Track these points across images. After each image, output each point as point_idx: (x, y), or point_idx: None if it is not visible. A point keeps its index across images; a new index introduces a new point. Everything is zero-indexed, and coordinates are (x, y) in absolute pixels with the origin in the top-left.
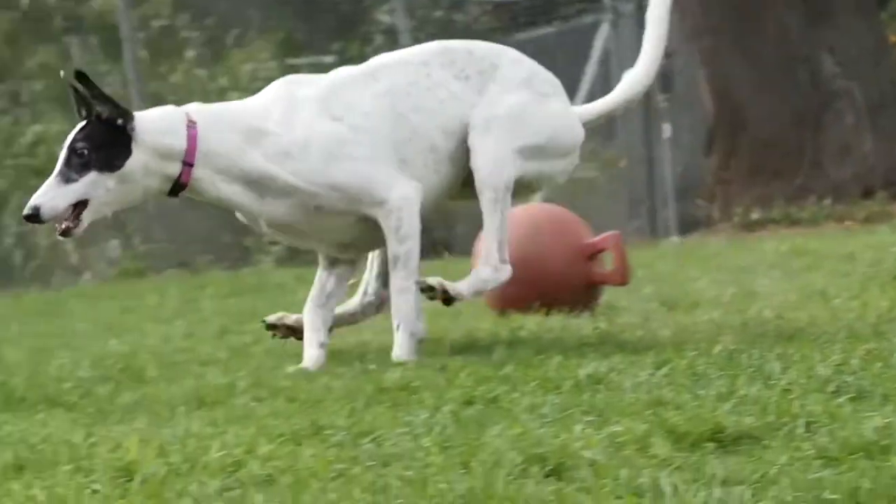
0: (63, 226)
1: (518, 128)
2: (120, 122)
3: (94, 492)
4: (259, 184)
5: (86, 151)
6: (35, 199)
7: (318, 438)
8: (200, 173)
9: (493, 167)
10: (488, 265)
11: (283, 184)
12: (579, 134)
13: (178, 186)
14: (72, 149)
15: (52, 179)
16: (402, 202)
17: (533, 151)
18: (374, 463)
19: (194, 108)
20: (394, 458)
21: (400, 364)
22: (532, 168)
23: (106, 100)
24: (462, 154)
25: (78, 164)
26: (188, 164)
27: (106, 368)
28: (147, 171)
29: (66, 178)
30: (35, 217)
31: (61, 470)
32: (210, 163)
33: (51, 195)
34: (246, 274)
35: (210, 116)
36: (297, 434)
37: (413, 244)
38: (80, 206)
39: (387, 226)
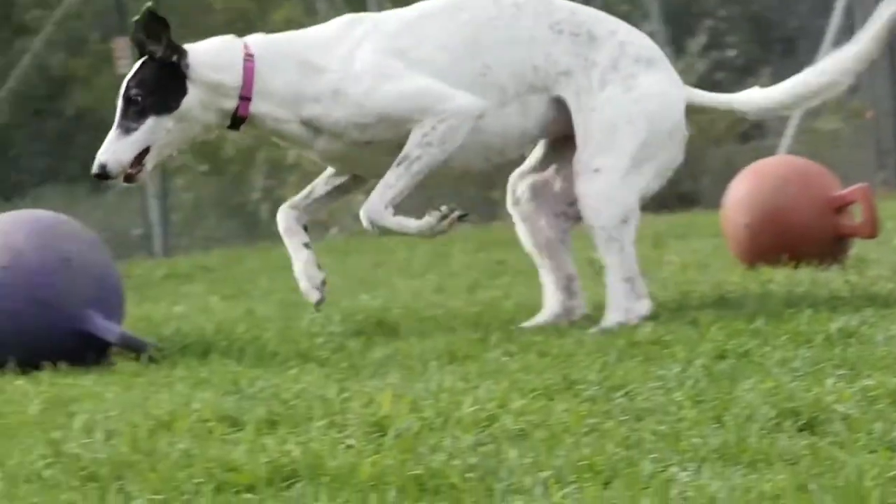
0: (126, 174)
1: (614, 145)
2: (174, 59)
3: (348, 447)
4: (313, 121)
5: (140, 98)
6: (100, 156)
7: (570, 393)
8: (258, 107)
9: (597, 205)
10: (618, 311)
11: (334, 122)
12: (677, 109)
13: (237, 120)
14: (126, 97)
15: (113, 132)
16: (456, 111)
17: (639, 157)
18: (626, 417)
19: (253, 40)
20: (646, 413)
21: (649, 319)
22: (648, 172)
23: (159, 38)
24: (531, 108)
25: (135, 113)
26: (245, 98)
27: (357, 323)
28: (204, 107)
29: (126, 129)
30: (104, 175)
31: (315, 425)
32: (267, 97)
33: (113, 149)
34: (496, 228)
35: (269, 49)
36: (549, 389)
37: (432, 155)
38: (143, 152)
39: (420, 127)
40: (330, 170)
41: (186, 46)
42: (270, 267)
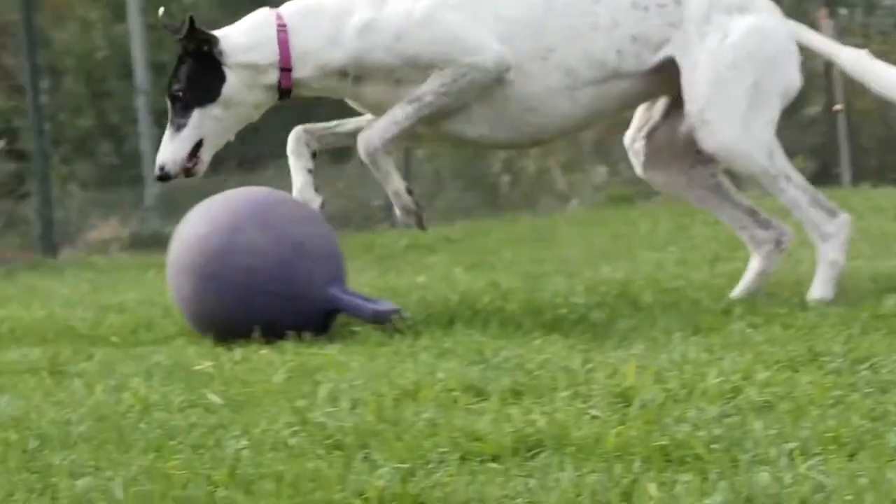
0: (185, 169)
1: (725, 95)
2: (206, 48)
3: (593, 417)
4: (347, 68)
5: (181, 93)
6: (159, 159)
7: (814, 365)
8: (299, 74)
9: (732, 157)
10: (824, 239)
11: (368, 63)
12: (778, 37)
13: (284, 92)
14: (170, 96)
15: (167, 132)
16: (490, 62)
17: (754, 96)
18: (871, 390)
19: (286, 9)
20: (892, 385)
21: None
22: (769, 104)
23: (189, 31)
24: (614, 92)
25: (181, 109)
26: (286, 69)
27: (600, 294)
28: (248, 88)
29: (177, 127)
30: (164, 176)
31: (559, 395)
32: (306, 61)
33: (170, 149)
34: None
35: (299, 14)
36: (793, 361)
37: (445, 104)
38: (197, 145)
39: (440, 76)
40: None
41: (219, 32)
42: (513, 238)
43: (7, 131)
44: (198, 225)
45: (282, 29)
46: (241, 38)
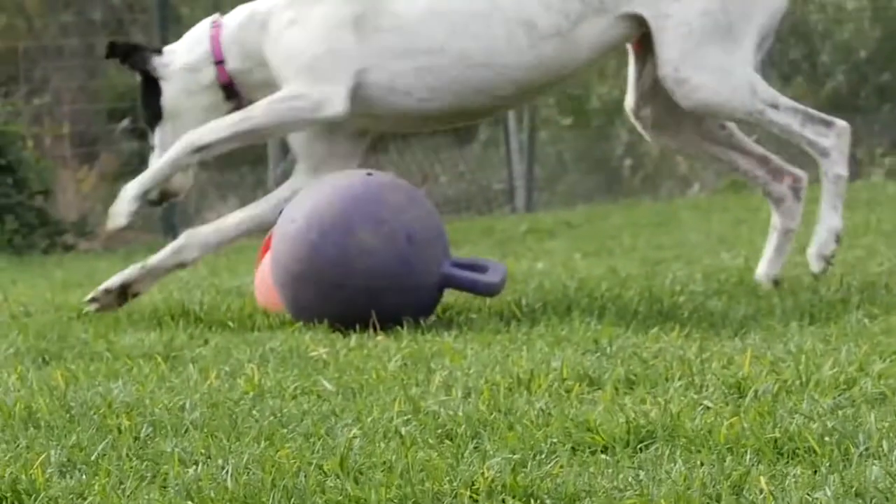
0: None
1: (700, 47)
2: (145, 68)
3: (706, 408)
4: (265, 64)
5: (144, 118)
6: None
7: None
8: (232, 66)
9: (719, 109)
10: (823, 154)
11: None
12: None
13: (228, 90)
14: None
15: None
16: (323, 102)
17: (730, 41)
18: None
19: (231, 12)
20: None
21: None
22: (748, 41)
23: (123, 56)
24: (572, 43)
25: (150, 133)
26: (219, 62)
27: (719, 282)
28: (187, 94)
29: (153, 149)
30: (155, 202)
31: (673, 385)
32: (235, 53)
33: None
34: (858, 187)
35: (236, 12)
36: None
37: (263, 126)
38: None
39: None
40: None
41: (166, 48)
42: (634, 223)
43: (131, 110)
44: (306, 228)
45: (216, 26)
46: (178, 46)
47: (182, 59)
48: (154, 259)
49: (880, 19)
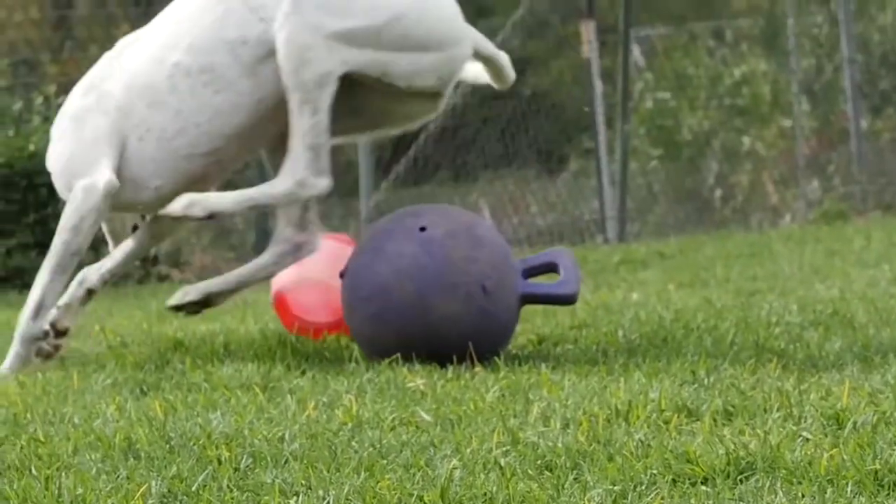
0: None
1: (332, 4)
2: None
3: (806, 440)
4: None
5: None
6: None
7: None
8: None
9: (297, 59)
10: (290, 178)
11: None
12: (443, 20)
13: None
14: None
15: None
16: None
17: (360, 37)
18: None
19: None
20: None
21: None
22: (363, 60)
23: None
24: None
25: None
26: None
27: (814, 313)
28: None
29: None
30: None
31: (772, 417)
32: None
33: None
34: None
35: None
36: None
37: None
38: None
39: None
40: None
41: None
42: (726, 254)
43: None
44: (382, 309)
45: None
46: None
47: None
48: (66, 295)
49: None
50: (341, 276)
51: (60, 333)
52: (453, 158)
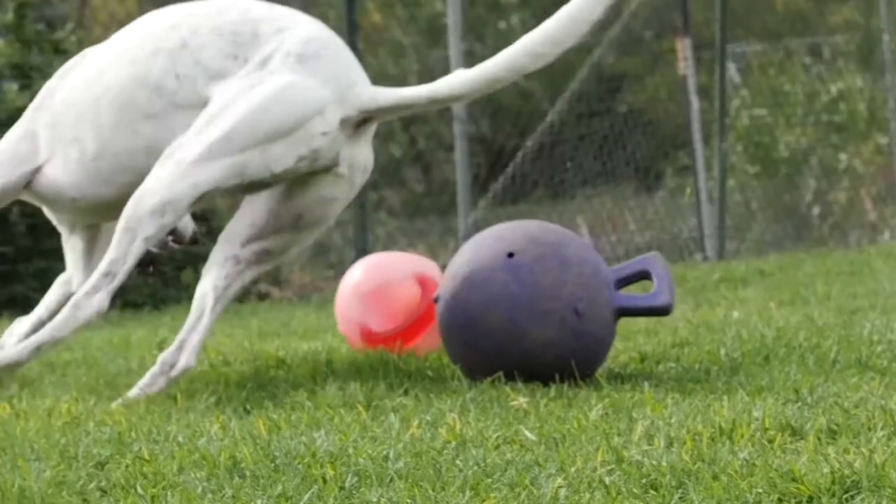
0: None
1: (200, 135)
2: None
3: None
4: None
5: None
6: None
7: None
8: None
9: (142, 192)
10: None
11: None
12: (298, 107)
13: None
14: None
15: None
16: None
17: (215, 149)
18: None
19: None
20: None
21: None
22: (222, 166)
23: None
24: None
25: None
26: None
27: None
28: None
29: None
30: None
31: (876, 435)
32: None
33: None
34: None
35: None
36: None
37: None
38: None
39: None
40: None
41: None
42: (826, 272)
43: None
44: (476, 337)
45: None
46: None
47: None
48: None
49: None
50: (434, 301)
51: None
52: (551, 176)
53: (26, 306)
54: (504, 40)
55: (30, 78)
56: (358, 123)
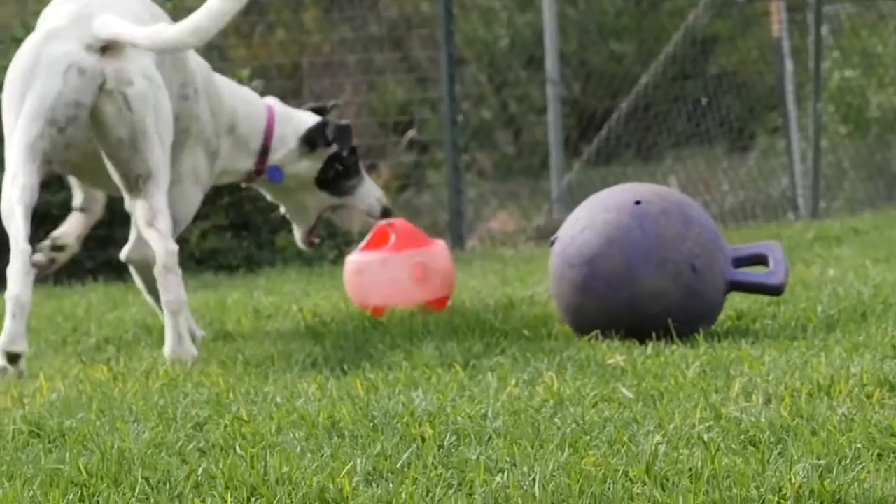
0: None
1: None
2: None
3: None
4: None
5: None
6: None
7: None
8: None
9: None
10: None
11: None
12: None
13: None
14: None
15: None
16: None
17: None
18: None
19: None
20: None
21: None
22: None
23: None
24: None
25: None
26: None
27: None
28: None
29: None
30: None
31: None
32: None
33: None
34: None
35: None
36: None
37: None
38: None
39: None
40: None
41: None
42: None
43: (411, 123)
44: (592, 277)
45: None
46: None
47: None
48: None
49: None
50: (552, 244)
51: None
52: (643, 138)
53: (121, 270)
54: (595, 3)
55: None
56: (104, 48)
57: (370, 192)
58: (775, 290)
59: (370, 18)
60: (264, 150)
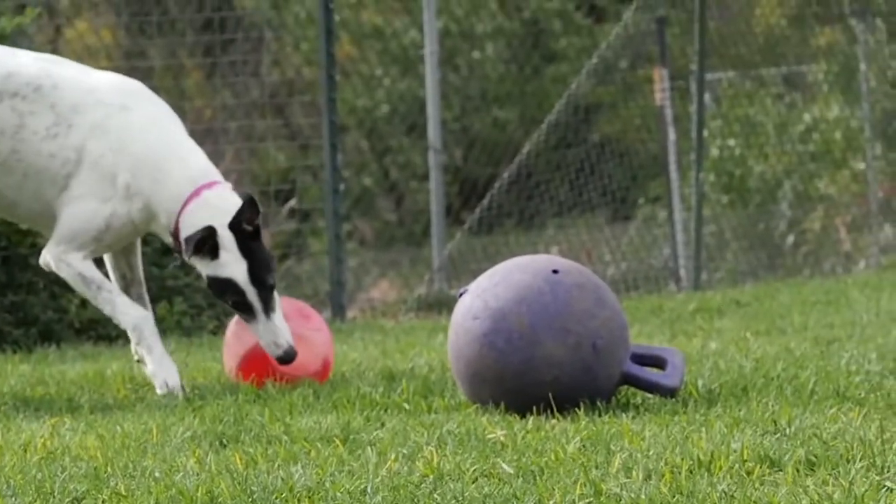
0: None
1: None
2: None
3: (890, 490)
4: None
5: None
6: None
7: None
8: None
9: None
10: None
11: None
12: None
13: None
14: (271, 286)
15: (277, 318)
16: None
17: None
18: None
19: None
20: None
21: None
22: None
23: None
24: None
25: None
26: None
27: (895, 362)
28: None
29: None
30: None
31: (854, 466)
32: None
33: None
34: None
35: None
36: None
37: None
38: None
39: None
40: None
41: None
42: (802, 301)
43: (292, 191)
44: (492, 332)
45: None
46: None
47: None
48: None
49: None
50: (460, 295)
51: None
52: (525, 206)
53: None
54: (478, 70)
55: None
56: None
57: None
58: (668, 392)
59: (252, 84)
60: None
